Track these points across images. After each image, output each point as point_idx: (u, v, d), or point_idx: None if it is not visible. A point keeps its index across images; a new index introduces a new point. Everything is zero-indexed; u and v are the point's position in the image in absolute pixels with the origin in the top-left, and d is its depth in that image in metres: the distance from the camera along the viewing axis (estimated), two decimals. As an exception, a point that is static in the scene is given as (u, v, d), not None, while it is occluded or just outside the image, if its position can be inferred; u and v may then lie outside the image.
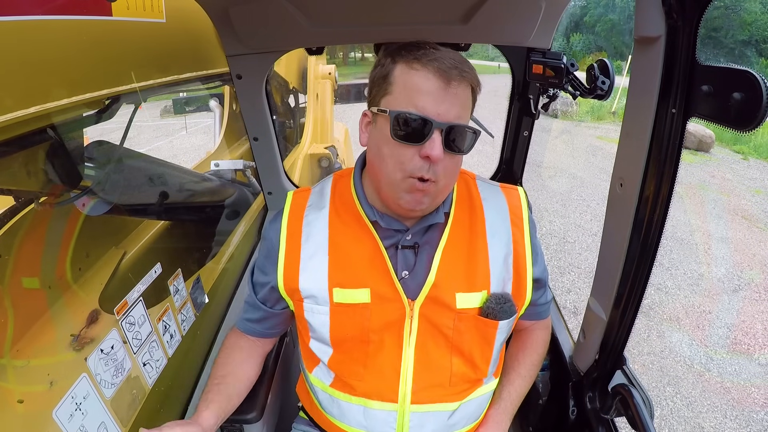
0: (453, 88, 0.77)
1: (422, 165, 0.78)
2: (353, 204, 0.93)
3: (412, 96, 0.77)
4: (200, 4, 1.19)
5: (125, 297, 0.97)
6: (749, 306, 4.16)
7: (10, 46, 0.71)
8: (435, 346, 0.90)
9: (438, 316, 0.89)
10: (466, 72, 0.79)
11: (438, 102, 0.76)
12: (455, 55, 0.80)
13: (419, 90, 0.77)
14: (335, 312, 0.90)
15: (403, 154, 0.78)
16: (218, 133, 3.19)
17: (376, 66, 0.85)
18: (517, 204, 0.98)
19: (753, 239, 5.49)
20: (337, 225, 0.93)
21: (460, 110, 0.79)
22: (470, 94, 0.82)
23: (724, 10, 24.29)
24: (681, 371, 3.32)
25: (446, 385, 0.91)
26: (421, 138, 0.76)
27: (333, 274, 0.90)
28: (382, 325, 0.89)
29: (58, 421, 0.78)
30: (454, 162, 0.83)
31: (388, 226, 0.90)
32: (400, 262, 0.91)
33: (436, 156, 0.76)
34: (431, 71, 0.76)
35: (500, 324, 0.90)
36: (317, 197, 0.98)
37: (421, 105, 0.76)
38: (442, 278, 0.88)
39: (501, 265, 0.91)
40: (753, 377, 3.30)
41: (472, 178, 1.01)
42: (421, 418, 0.90)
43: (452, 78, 0.76)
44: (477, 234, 0.92)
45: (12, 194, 1.08)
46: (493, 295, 0.90)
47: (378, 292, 0.89)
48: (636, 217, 0.88)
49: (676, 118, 0.75)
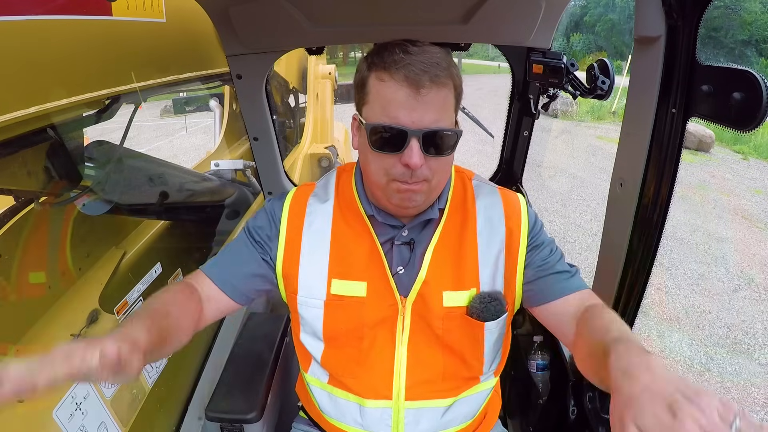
0: (424, 95, 0.76)
1: (404, 171, 0.78)
2: (353, 198, 0.94)
3: (384, 107, 0.77)
4: (200, 4, 1.19)
5: (125, 297, 0.97)
6: (749, 306, 4.16)
7: (10, 46, 0.71)
8: (426, 343, 0.90)
9: (427, 314, 0.89)
10: (439, 74, 0.76)
11: (410, 110, 0.76)
12: (429, 56, 0.77)
13: (390, 101, 0.77)
14: (330, 305, 0.90)
15: (384, 161, 0.79)
16: (218, 133, 3.20)
17: (357, 70, 0.85)
18: (515, 203, 0.96)
19: (753, 239, 5.49)
20: (339, 218, 0.93)
21: (435, 114, 0.77)
22: (448, 93, 0.79)
23: (724, 10, 24.28)
24: (681, 371, 3.32)
25: (439, 382, 0.91)
26: (400, 146, 0.77)
27: (333, 265, 0.90)
28: (376, 320, 0.89)
29: (58, 421, 0.78)
30: (441, 162, 0.81)
31: (384, 221, 0.91)
32: (396, 257, 0.91)
33: (415, 164, 0.76)
34: (400, 80, 0.76)
35: (486, 325, 0.89)
36: (322, 190, 0.98)
37: (394, 115, 0.76)
38: (432, 276, 0.88)
39: (492, 263, 0.91)
40: (753, 377, 3.30)
41: (469, 178, 1.00)
42: (416, 415, 0.91)
43: (422, 85, 0.75)
44: (467, 233, 0.92)
45: (12, 194, 1.08)
46: (479, 294, 0.89)
47: (374, 287, 0.89)
48: (636, 217, 0.88)
49: (676, 118, 0.75)
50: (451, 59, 0.81)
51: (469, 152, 8.33)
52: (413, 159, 0.76)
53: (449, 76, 0.78)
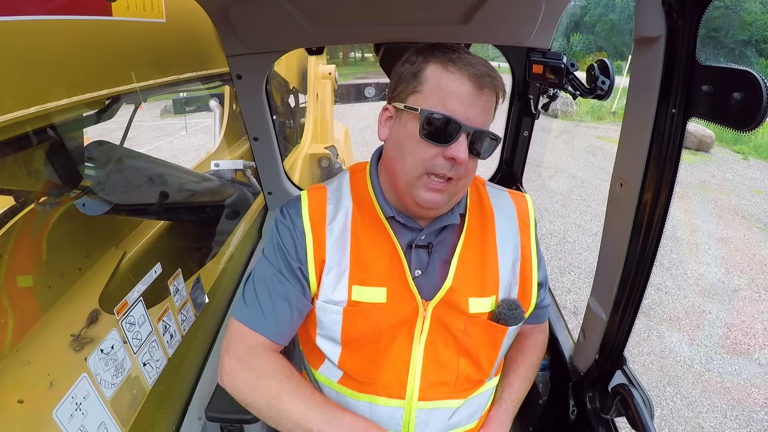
0: (484, 95, 0.79)
1: (445, 164, 0.80)
2: (370, 200, 0.93)
3: (443, 97, 0.78)
4: (200, 4, 1.19)
5: (125, 297, 0.97)
6: (749, 306, 4.16)
7: (10, 46, 0.71)
8: (444, 346, 0.91)
9: (450, 318, 0.90)
10: (497, 81, 0.81)
11: (469, 107, 0.78)
12: (487, 62, 0.81)
13: (452, 92, 0.78)
14: (349, 311, 0.89)
15: (426, 152, 0.80)
16: (218, 133, 3.20)
17: (404, 63, 0.86)
18: (525, 210, 0.99)
19: (753, 239, 5.49)
20: (358, 222, 0.92)
21: (487, 117, 0.81)
22: (495, 102, 0.84)
23: (724, 10, 24.28)
24: (681, 371, 3.32)
25: (452, 384, 0.92)
26: (448, 139, 0.78)
27: (354, 271, 0.89)
28: (395, 323, 0.89)
29: (58, 421, 0.78)
30: (474, 164, 0.85)
31: (405, 222, 0.91)
32: (414, 261, 0.91)
33: (462, 158, 0.78)
34: (466, 75, 0.78)
35: (509, 329, 0.92)
36: (336, 193, 0.96)
37: (452, 107, 0.78)
38: (459, 283, 0.89)
39: (509, 270, 0.93)
40: (753, 377, 3.30)
41: (482, 184, 1.02)
42: (427, 415, 0.91)
43: (485, 85, 0.78)
44: (488, 239, 0.93)
45: (12, 194, 1.08)
46: (504, 300, 0.92)
47: (394, 292, 0.89)
48: (636, 217, 0.88)
49: (676, 118, 0.75)
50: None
51: (469, 152, 8.30)
52: (461, 153, 0.78)
53: (501, 86, 0.82)
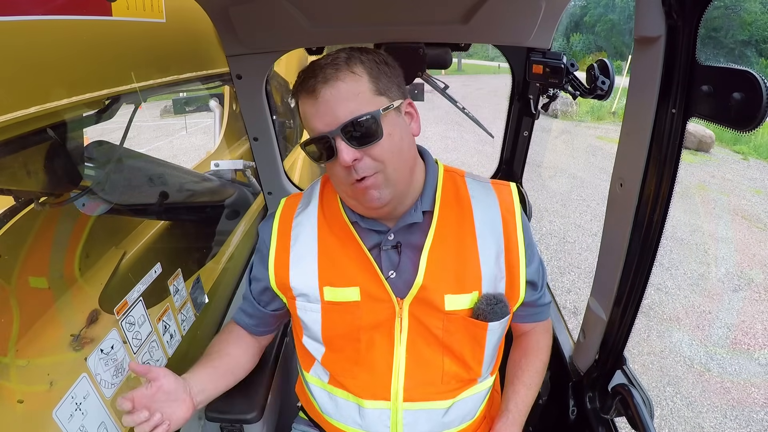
0: (322, 96, 0.78)
1: (347, 173, 0.81)
2: (337, 207, 0.96)
3: (309, 123, 0.82)
4: (200, 4, 1.19)
5: (125, 297, 0.97)
6: (749, 306, 4.16)
7: (10, 46, 0.71)
8: (426, 345, 0.90)
9: (427, 317, 0.89)
10: (330, 72, 0.77)
11: (319, 117, 0.79)
12: (332, 57, 0.80)
13: (311, 115, 0.80)
14: (327, 310, 0.92)
15: (333, 170, 0.83)
16: (218, 133, 3.19)
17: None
18: (509, 200, 0.95)
19: (753, 239, 5.49)
20: (324, 226, 0.95)
21: (345, 107, 0.77)
22: (354, 82, 0.78)
23: (724, 10, 24.29)
24: (681, 371, 3.32)
25: (438, 384, 0.91)
26: (331, 154, 0.79)
27: (323, 273, 0.92)
28: (372, 323, 0.90)
29: (58, 421, 0.78)
30: (380, 148, 0.79)
31: (368, 227, 0.92)
32: (385, 262, 0.91)
33: (345, 161, 0.78)
34: (307, 96, 0.80)
35: (490, 325, 0.89)
36: (307, 200, 1.01)
37: (314, 126, 0.80)
38: (430, 280, 0.88)
39: (493, 264, 0.90)
40: (753, 377, 3.30)
41: (461, 176, 0.99)
42: (415, 416, 0.91)
43: (317, 88, 0.78)
44: (465, 233, 0.91)
45: (12, 194, 1.08)
46: (484, 296, 0.89)
47: (367, 291, 0.89)
48: (636, 217, 0.88)
49: (676, 118, 0.75)
50: (360, 55, 0.81)
51: (469, 152, 8.33)
52: (347, 156, 0.77)
53: (347, 67, 0.78)
